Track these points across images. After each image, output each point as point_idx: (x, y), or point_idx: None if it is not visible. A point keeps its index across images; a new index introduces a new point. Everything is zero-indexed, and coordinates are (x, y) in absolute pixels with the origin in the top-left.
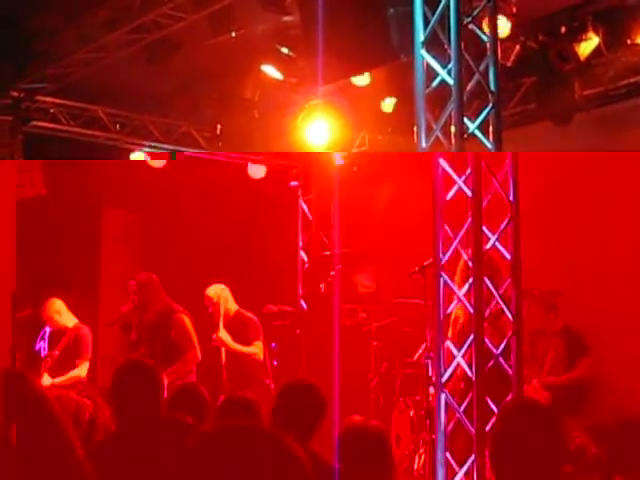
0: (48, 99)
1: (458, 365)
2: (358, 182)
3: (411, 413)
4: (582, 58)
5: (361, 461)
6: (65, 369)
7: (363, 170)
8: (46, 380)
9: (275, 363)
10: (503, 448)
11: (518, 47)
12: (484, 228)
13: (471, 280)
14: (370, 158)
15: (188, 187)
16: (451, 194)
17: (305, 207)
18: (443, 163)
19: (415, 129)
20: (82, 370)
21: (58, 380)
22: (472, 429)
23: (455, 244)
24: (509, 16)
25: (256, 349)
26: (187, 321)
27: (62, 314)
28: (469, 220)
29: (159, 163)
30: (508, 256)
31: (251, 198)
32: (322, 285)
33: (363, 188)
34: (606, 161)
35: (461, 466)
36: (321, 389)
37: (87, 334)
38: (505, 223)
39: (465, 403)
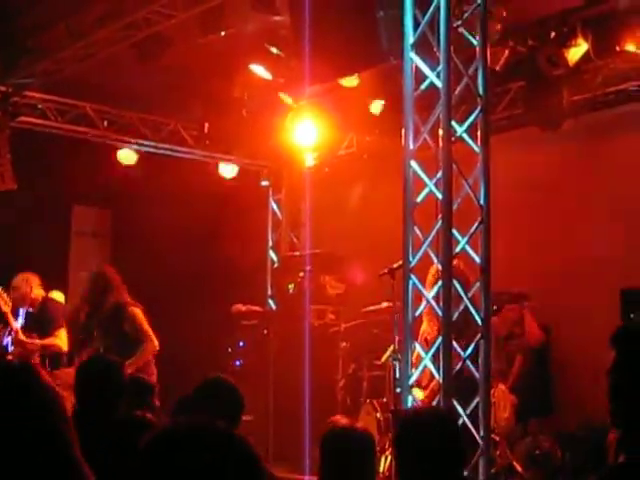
0: (36, 94)
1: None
2: (329, 183)
3: (378, 415)
4: (571, 64)
5: (348, 463)
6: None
7: (334, 171)
8: None
9: (238, 363)
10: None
11: (507, 51)
12: (454, 231)
13: (440, 283)
14: (341, 159)
15: (159, 185)
16: (422, 196)
17: (275, 207)
18: (414, 165)
19: (403, 131)
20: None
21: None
22: None
23: (425, 247)
24: (499, 20)
25: (55, 339)
26: (139, 313)
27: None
28: (439, 223)
29: (130, 161)
30: (477, 259)
31: (221, 197)
32: (291, 285)
33: (334, 189)
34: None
35: None
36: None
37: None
38: (475, 226)
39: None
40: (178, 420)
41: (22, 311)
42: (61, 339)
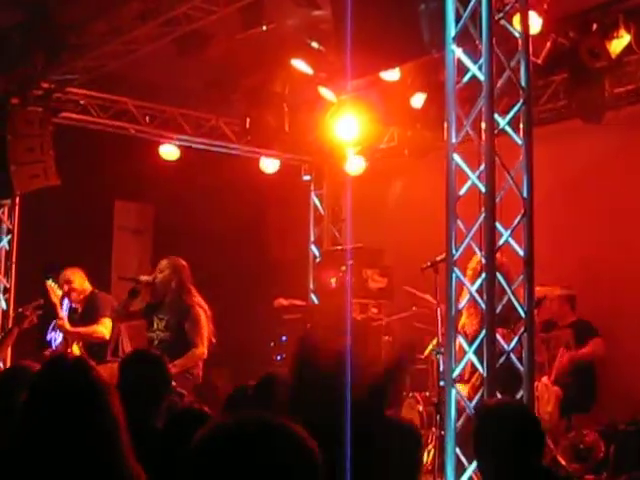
0: (78, 91)
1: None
2: (370, 176)
3: (420, 408)
4: (613, 55)
5: (395, 454)
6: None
7: (375, 165)
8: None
9: (279, 357)
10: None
11: (549, 44)
12: (497, 224)
13: (483, 276)
14: (382, 153)
15: (200, 180)
16: (464, 189)
17: (317, 201)
18: (457, 158)
19: (445, 125)
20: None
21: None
22: None
23: (468, 239)
24: (540, 12)
25: (97, 327)
26: (203, 317)
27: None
28: (482, 216)
29: (172, 156)
30: (521, 252)
31: (263, 192)
32: (333, 279)
33: (375, 182)
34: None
35: (471, 462)
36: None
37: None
38: (518, 219)
39: (476, 399)
40: (238, 414)
41: (66, 304)
42: (105, 326)
